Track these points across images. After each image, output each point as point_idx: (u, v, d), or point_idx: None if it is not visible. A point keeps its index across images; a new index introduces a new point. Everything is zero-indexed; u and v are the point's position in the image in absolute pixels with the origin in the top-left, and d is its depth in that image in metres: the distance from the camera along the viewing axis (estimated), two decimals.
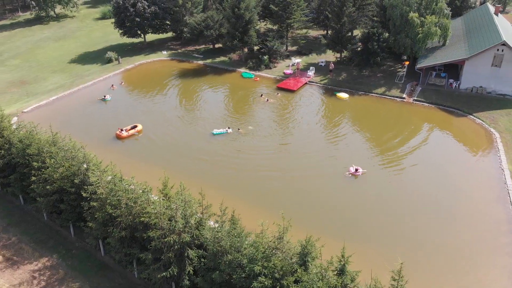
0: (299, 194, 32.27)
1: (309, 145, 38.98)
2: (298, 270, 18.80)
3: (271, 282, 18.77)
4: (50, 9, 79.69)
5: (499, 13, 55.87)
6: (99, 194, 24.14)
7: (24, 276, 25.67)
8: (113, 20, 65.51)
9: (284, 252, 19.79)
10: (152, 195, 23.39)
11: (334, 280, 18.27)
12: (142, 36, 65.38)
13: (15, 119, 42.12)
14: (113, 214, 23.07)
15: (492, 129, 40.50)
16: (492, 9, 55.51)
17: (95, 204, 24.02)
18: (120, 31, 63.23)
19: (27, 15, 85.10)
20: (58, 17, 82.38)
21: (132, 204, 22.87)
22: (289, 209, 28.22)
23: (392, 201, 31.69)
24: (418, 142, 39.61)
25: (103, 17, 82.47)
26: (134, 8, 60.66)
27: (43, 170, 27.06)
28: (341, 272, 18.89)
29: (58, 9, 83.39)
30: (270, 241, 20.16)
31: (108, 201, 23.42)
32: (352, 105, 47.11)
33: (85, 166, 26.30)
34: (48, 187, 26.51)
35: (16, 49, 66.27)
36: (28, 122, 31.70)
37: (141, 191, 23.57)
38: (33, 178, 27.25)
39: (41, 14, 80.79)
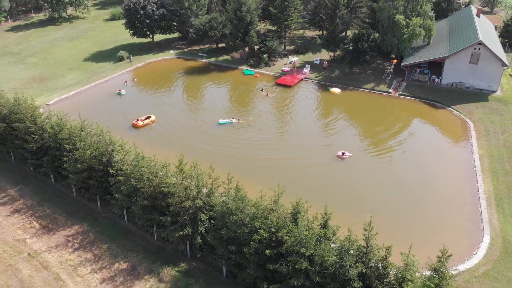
0: (293, 173, 36.98)
1: (304, 134, 43.60)
2: (290, 225, 23.41)
3: (268, 234, 23.36)
4: (62, 11, 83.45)
5: (480, 14, 60.11)
6: (124, 170, 28.79)
7: (60, 240, 30.27)
8: (122, 21, 69.42)
9: (279, 212, 24.43)
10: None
11: (318, 231, 22.90)
12: (151, 36, 69.41)
13: (41, 110, 46.52)
14: (137, 186, 27.55)
15: (468, 119, 45.09)
16: (474, 11, 59.79)
17: (121, 178, 28.58)
18: (131, 31, 67.24)
19: (40, 16, 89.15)
20: (70, 18, 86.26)
21: (153, 177, 27.48)
22: (284, 183, 32.25)
23: (375, 178, 36.34)
24: (401, 131, 44.22)
25: (113, 18, 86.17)
26: (143, 11, 64.77)
27: (74, 151, 31.37)
28: (324, 226, 23.58)
29: (70, 10, 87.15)
30: (268, 204, 24.82)
31: (133, 175, 27.94)
32: (343, 99, 51.68)
33: (111, 147, 30.85)
34: (78, 165, 30.97)
35: (32, 48, 70.41)
36: (58, 112, 36.22)
37: (160, 166, 28.18)
38: (65, 158, 31.60)
39: (54, 16, 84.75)
